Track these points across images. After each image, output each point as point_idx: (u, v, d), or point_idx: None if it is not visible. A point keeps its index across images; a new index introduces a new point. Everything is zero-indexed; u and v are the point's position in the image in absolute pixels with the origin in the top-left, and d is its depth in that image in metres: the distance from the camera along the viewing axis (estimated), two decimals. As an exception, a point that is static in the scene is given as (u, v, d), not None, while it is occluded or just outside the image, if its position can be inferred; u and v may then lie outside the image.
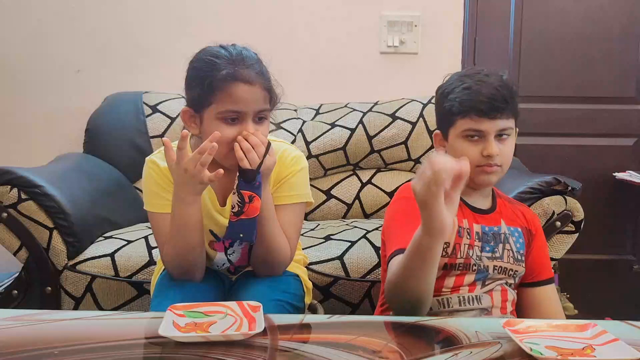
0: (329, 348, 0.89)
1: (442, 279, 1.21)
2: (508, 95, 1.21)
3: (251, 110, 1.20)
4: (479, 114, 1.20)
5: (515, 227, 1.28)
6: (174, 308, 1.00)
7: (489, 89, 1.20)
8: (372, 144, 2.17)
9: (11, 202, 1.62)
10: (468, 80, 1.22)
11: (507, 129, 1.22)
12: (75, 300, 1.64)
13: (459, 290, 1.22)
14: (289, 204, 1.30)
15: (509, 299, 1.25)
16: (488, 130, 1.20)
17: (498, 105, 1.19)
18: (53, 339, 0.92)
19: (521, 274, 1.28)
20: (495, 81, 1.22)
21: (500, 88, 1.21)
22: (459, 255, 1.21)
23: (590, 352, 0.88)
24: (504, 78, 1.24)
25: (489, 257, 1.23)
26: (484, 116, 1.20)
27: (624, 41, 2.46)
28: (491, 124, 1.20)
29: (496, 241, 1.25)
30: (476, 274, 1.22)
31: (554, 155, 2.49)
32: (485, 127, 1.20)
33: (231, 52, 1.22)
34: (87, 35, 2.40)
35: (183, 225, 1.20)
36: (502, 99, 1.20)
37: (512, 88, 1.23)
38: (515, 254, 1.26)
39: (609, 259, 2.50)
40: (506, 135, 1.22)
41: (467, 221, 1.24)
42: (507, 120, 1.21)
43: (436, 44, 2.43)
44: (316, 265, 1.62)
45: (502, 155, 1.22)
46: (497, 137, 1.21)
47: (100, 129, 2.19)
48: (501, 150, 1.21)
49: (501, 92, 1.20)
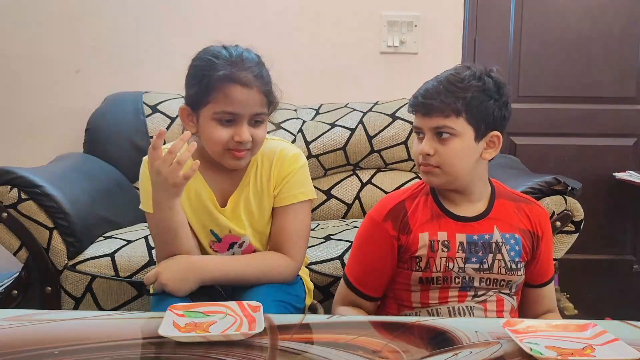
0: (329, 348, 0.89)
1: (426, 292, 1.19)
2: (448, 91, 1.13)
3: (247, 113, 1.20)
4: (415, 109, 1.18)
5: (511, 234, 1.20)
6: (174, 308, 1.00)
7: (430, 84, 1.16)
8: (372, 144, 2.17)
9: (11, 202, 1.62)
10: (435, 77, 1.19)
11: (443, 128, 1.14)
12: (75, 300, 1.64)
13: (447, 301, 1.18)
14: (294, 203, 1.30)
15: (506, 308, 1.20)
16: (423, 128, 1.17)
17: (429, 102, 1.14)
18: (53, 339, 0.92)
19: (518, 282, 1.22)
20: (448, 75, 1.15)
21: (444, 82, 1.14)
22: (435, 269, 1.17)
23: (590, 352, 0.88)
24: (465, 73, 1.15)
25: (475, 268, 1.17)
26: (419, 112, 1.17)
27: (624, 41, 2.46)
28: (425, 121, 1.16)
29: (485, 251, 1.18)
30: (460, 286, 1.18)
31: (554, 155, 2.49)
32: (420, 123, 1.17)
33: (231, 53, 1.22)
34: (87, 35, 2.40)
35: (164, 233, 1.20)
36: (437, 94, 1.13)
37: (464, 83, 1.13)
38: (508, 264, 1.18)
39: (609, 259, 2.50)
40: (447, 135, 1.14)
41: (446, 233, 1.18)
42: (444, 118, 1.13)
43: (436, 44, 2.43)
44: (316, 265, 1.62)
45: (440, 155, 1.15)
46: (436, 135, 1.15)
47: (100, 129, 2.19)
48: (438, 151, 1.15)
49: (439, 88, 1.14)
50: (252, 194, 1.30)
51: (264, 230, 1.33)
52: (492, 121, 1.16)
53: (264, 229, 1.33)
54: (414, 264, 1.19)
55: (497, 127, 1.17)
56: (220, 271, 1.22)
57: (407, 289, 1.21)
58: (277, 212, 1.31)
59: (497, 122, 1.16)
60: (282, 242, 1.29)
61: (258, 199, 1.31)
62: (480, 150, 1.17)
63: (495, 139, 1.18)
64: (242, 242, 1.32)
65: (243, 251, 1.32)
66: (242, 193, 1.30)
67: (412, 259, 1.19)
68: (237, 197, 1.30)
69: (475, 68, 1.17)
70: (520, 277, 1.21)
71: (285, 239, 1.29)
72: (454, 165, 1.16)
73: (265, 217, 1.32)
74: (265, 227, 1.33)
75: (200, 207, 1.29)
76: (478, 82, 1.15)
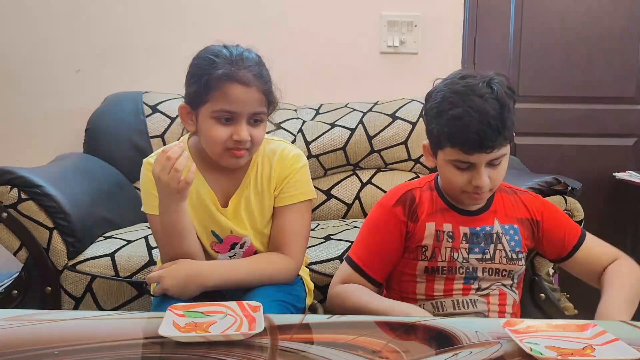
0: (329, 348, 0.89)
1: (432, 283, 1.22)
2: (501, 126, 1.10)
3: (245, 112, 1.20)
4: (467, 148, 1.12)
5: (510, 224, 1.25)
6: (174, 308, 1.00)
7: (480, 124, 1.09)
8: (372, 144, 2.16)
9: (11, 202, 1.62)
10: (458, 104, 1.11)
11: (499, 157, 1.15)
12: (75, 300, 1.64)
13: (452, 294, 1.21)
14: (295, 203, 1.30)
15: (509, 302, 1.23)
16: (478, 162, 1.14)
17: (488, 142, 1.10)
18: (53, 339, 0.92)
19: (519, 272, 1.26)
20: (489, 109, 1.09)
21: (493, 120, 1.09)
22: (440, 258, 1.21)
23: (590, 352, 0.88)
24: (499, 98, 1.10)
25: (478, 258, 1.21)
26: (473, 150, 1.12)
27: (624, 41, 2.46)
28: (481, 157, 1.13)
29: (487, 242, 1.22)
30: (465, 276, 1.21)
31: (554, 155, 2.49)
32: (474, 159, 1.13)
33: (232, 52, 1.22)
34: (87, 35, 2.40)
35: (170, 236, 1.20)
36: (494, 133, 1.10)
37: (506, 114, 1.10)
38: (509, 253, 1.23)
39: (609, 259, 2.50)
40: (498, 162, 1.15)
41: (451, 225, 1.22)
42: (499, 150, 1.13)
43: (436, 44, 2.43)
44: (316, 265, 1.62)
45: (493, 180, 1.16)
46: (488, 165, 1.15)
47: (100, 129, 2.19)
48: (492, 176, 1.15)
49: (493, 126, 1.09)
50: (253, 195, 1.30)
51: (265, 230, 1.33)
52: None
53: (264, 230, 1.33)
54: (420, 253, 1.22)
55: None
56: (223, 278, 1.22)
57: (413, 280, 1.23)
58: (278, 212, 1.31)
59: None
60: (283, 242, 1.29)
61: (259, 199, 1.31)
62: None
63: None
64: (244, 243, 1.32)
65: (244, 252, 1.32)
66: (243, 193, 1.30)
67: (418, 248, 1.22)
68: (238, 198, 1.30)
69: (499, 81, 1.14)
70: (521, 267, 1.25)
71: (286, 239, 1.29)
72: (501, 181, 1.20)
73: (266, 218, 1.32)
74: (266, 227, 1.33)
75: (201, 208, 1.29)
76: (510, 98, 1.13)
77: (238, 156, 1.23)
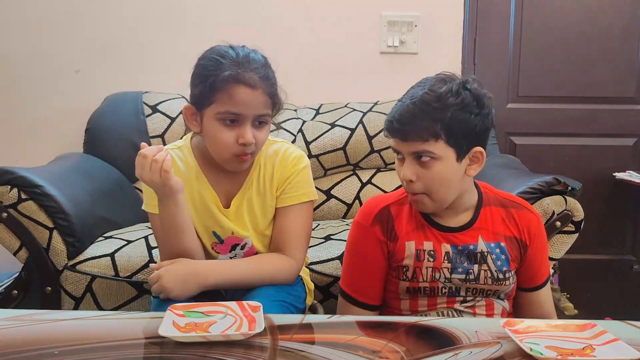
0: (329, 348, 0.90)
1: (415, 301, 1.18)
2: (424, 113, 1.06)
3: (250, 114, 1.19)
4: (391, 134, 1.12)
5: (497, 242, 1.17)
6: (174, 308, 1.00)
7: (405, 106, 1.08)
8: (372, 144, 2.17)
9: (11, 202, 1.62)
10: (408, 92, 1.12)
11: (423, 152, 1.09)
12: (75, 300, 1.64)
13: (436, 307, 1.18)
14: (296, 204, 1.30)
15: (497, 311, 1.19)
16: (403, 152, 1.11)
17: (405, 128, 1.08)
18: (53, 339, 0.93)
19: (507, 291, 1.19)
20: (422, 95, 1.07)
21: (419, 103, 1.07)
22: (421, 278, 1.16)
23: (590, 352, 0.88)
24: (441, 90, 1.07)
25: (461, 279, 1.16)
26: (396, 137, 1.11)
27: (624, 41, 2.46)
28: (402, 145, 1.10)
29: (471, 261, 1.16)
30: (447, 296, 1.17)
31: (554, 155, 2.49)
32: (400, 147, 1.12)
33: (238, 54, 1.20)
34: (87, 35, 2.40)
35: (169, 230, 1.20)
36: (413, 117, 1.07)
37: (442, 102, 1.06)
38: (495, 274, 1.16)
39: (609, 259, 2.50)
40: (427, 158, 1.09)
41: (432, 243, 1.17)
42: (422, 142, 1.08)
43: (436, 44, 2.43)
44: (316, 265, 1.62)
45: (423, 181, 1.11)
46: (416, 159, 1.10)
47: (100, 129, 2.19)
48: (420, 175, 1.10)
49: (414, 110, 1.07)
50: (255, 196, 1.30)
51: (267, 232, 1.33)
52: (474, 137, 1.10)
53: (266, 231, 1.33)
54: (401, 273, 1.18)
55: (480, 142, 1.12)
56: (223, 277, 1.21)
57: (397, 297, 1.20)
58: (279, 213, 1.31)
59: (479, 136, 1.11)
60: (284, 243, 1.29)
61: (261, 200, 1.31)
62: (463, 168, 1.13)
63: (479, 155, 1.13)
64: (245, 244, 1.31)
65: (245, 253, 1.32)
66: (245, 194, 1.30)
67: (399, 268, 1.18)
68: (240, 199, 1.30)
69: (451, 81, 1.10)
70: (509, 286, 1.19)
71: (287, 239, 1.29)
72: (439, 191, 1.12)
73: (268, 219, 1.32)
74: (268, 229, 1.33)
75: (203, 209, 1.29)
76: (456, 98, 1.07)
77: (244, 161, 1.23)
